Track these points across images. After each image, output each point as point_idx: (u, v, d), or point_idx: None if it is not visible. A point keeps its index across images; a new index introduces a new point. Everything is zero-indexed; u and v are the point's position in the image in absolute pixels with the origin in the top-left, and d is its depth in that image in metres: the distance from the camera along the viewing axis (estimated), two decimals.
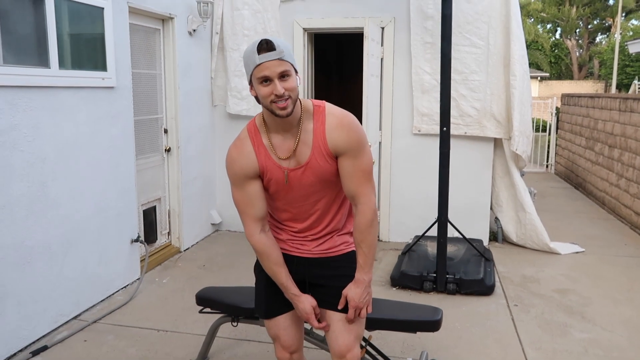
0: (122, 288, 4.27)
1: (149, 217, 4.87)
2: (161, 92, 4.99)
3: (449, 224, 4.32)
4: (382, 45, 5.39)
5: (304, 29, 5.52)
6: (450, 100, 4.23)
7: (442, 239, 4.21)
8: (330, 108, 1.97)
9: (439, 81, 4.99)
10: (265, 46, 1.78)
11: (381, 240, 5.67)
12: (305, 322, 2.20)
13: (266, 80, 1.80)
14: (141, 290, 4.26)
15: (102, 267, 4.03)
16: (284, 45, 1.82)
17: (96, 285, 3.98)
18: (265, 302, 2.18)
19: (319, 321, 2.10)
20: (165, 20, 4.92)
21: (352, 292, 2.04)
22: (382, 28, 5.36)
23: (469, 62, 5.15)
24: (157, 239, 5.01)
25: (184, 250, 5.27)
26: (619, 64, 23.60)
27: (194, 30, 5.27)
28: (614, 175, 7.01)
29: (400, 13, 5.31)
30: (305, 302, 2.07)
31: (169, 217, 5.18)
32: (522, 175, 5.65)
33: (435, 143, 4.98)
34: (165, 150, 5.06)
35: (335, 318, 2.09)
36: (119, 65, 4.13)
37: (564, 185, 9.15)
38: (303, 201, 2.04)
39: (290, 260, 2.11)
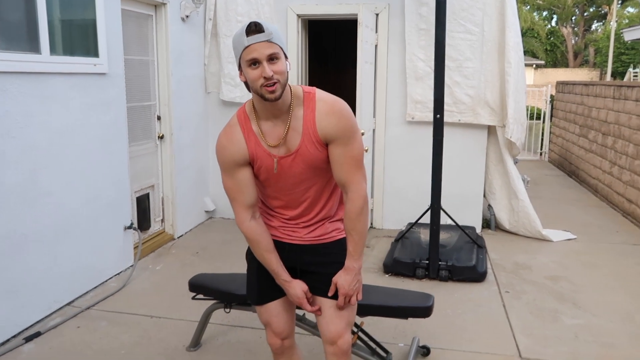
0: (115, 275, 4.27)
1: (143, 204, 4.86)
2: (154, 79, 4.96)
3: (441, 211, 4.33)
4: (376, 32, 5.37)
5: (297, 15, 5.48)
6: (444, 88, 4.22)
7: (435, 226, 4.23)
8: (320, 94, 1.94)
9: (433, 68, 5.00)
10: (254, 28, 1.76)
11: (374, 228, 5.69)
12: (297, 307, 2.21)
13: (255, 63, 1.78)
14: (135, 277, 4.26)
15: (96, 254, 4.03)
16: (273, 27, 1.80)
17: (89, 272, 3.98)
18: (257, 288, 2.18)
19: (312, 305, 2.11)
20: (157, 6, 4.88)
21: (341, 279, 2.04)
22: (377, 15, 5.33)
23: (463, 49, 5.13)
24: (150, 226, 5.01)
25: (178, 238, 5.27)
26: (614, 52, 23.60)
27: (187, 17, 5.23)
28: (607, 163, 7.04)
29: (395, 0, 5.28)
30: (297, 287, 2.08)
31: (162, 204, 5.17)
32: (516, 162, 5.66)
33: (429, 130, 4.98)
34: (159, 137, 5.04)
35: (326, 305, 2.10)
36: (111, 52, 4.09)
37: (557, 173, 9.18)
38: (294, 188, 2.03)
39: (282, 247, 2.11)
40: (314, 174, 2.01)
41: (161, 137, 5.05)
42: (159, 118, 5.03)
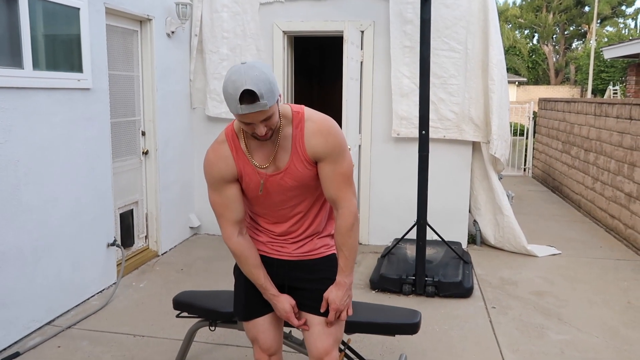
0: (97, 293, 4.20)
1: (126, 221, 4.80)
2: (139, 95, 4.93)
3: (427, 227, 4.34)
4: (361, 49, 5.41)
5: (283, 31, 5.51)
6: (429, 104, 4.25)
7: (421, 241, 4.22)
8: (309, 113, 1.95)
9: (418, 85, 5.04)
10: (249, 98, 1.70)
11: (361, 244, 5.67)
12: (285, 323, 2.18)
13: (249, 124, 1.79)
14: (117, 294, 4.19)
15: (77, 271, 3.96)
16: (266, 89, 1.71)
17: (71, 290, 3.90)
18: (245, 304, 2.16)
19: (299, 319, 2.10)
20: (143, 21, 4.87)
21: (333, 294, 2.03)
22: (362, 32, 5.38)
23: (448, 66, 5.19)
24: (134, 242, 4.94)
25: (162, 254, 5.20)
26: (594, 69, 24.05)
27: (173, 32, 5.22)
28: (590, 179, 7.12)
29: (380, 17, 5.33)
30: (284, 302, 2.07)
31: (146, 220, 5.11)
32: (500, 178, 5.71)
33: (415, 146, 5.01)
34: (143, 153, 5.00)
35: (314, 322, 2.08)
36: (95, 67, 4.07)
37: (541, 189, 9.27)
38: (282, 205, 2.03)
39: (270, 263, 2.10)
40: (303, 191, 2.01)
41: (146, 153, 5.01)
42: (143, 134, 4.99)
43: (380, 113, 5.48)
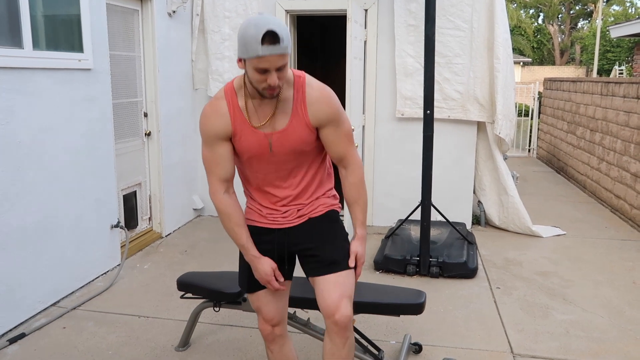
0: (102, 274, 4.20)
1: (130, 203, 4.79)
2: (140, 75, 4.89)
3: (432, 207, 4.31)
4: (365, 28, 5.33)
5: (286, 11, 5.43)
6: (434, 84, 4.19)
7: (425, 222, 4.20)
8: (309, 80, 2.00)
9: (422, 64, 4.97)
10: (271, 39, 1.72)
11: None
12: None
13: (264, 71, 1.79)
14: (122, 276, 4.19)
15: (81, 253, 3.96)
16: (286, 34, 1.76)
17: (75, 272, 3.91)
18: (248, 275, 2.18)
19: (281, 282, 2.14)
20: (144, 0, 4.80)
21: (359, 249, 2.11)
22: (366, 10, 5.30)
23: (453, 45, 5.12)
24: (137, 224, 4.94)
25: (166, 236, 5.20)
26: (600, 49, 23.79)
27: (174, 12, 5.16)
28: (595, 159, 7.07)
29: None
30: (265, 264, 2.09)
31: (150, 202, 5.10)
32: (505, 159, 5.66)
33: (419, 127, 4.98)
34: (146, 134, 4.97)
35: (325, 281, 2.06)
36: (96, 47, 4.02)
37: (545, 170, 9.22)
38: (277, 169, 2.04)
39: (269, 233, 2.13)
40: (297, 156, 2.03)
41: (148, 134, 4.98)
42: (145, 115, 4.95)
43: (385, 93, 5.42)
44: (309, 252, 2.13)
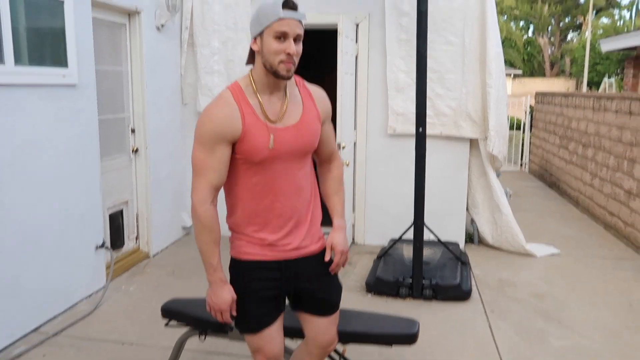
0: (86, 297, 4.07)
1: (116, 221, 4.66)
2: (128, 90, 4.78)
3: (425, 227, 4.22)
4: (356, 42, 5.27)
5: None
6: (425, 99, 4.12)
7: (418, 243, 4.11)
8: (306, 82, 2.10)
9: (414, 80, 4.90)
10: (292, 4, 1.81)
11: (356, 243, 5.56)
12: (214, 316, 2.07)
13: (282, 37, 1.80)
14: (106, 298, 4.06)
15: (64, 275, 3.83)
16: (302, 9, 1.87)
17: (57, 295, 3.77)
18: (256, 315, 2.05)
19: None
20: (131, 14, 4.71)
21: (336, 239, 2.09)
22: (357, 24, 5.23)
23: (444, 60, 5.06)
24: (124, 244, 4.80)
25: (153, 256, 5.07)
26: (589, 62, 23.95)
27: (162, 25, 5.06)
28: (588, 175, 7.03)
29: (376, 9, 5.19)
30: (229, 292, 1.99)
31: (137, 220, 4.97)
32: (498, 175, 5.59)
33: (411, 143, 4.89)
34: (133, 150, 4.85)
35: (320, 321, 2.13)
36: (81, 62, 3.91)
37: (538, 185, 9.18)
38: (287, 171, 1.96)
39: (275, 268, 2.02)
40: (305, 154, 2.01)
41: (135, 151, 4.87)
42: (133, 131, 4.84)
43: (376, 108, 5.35)
44: (312, 292, 2.10)
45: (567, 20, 36.41)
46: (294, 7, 1.80)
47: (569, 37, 37.66)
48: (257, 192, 1.96)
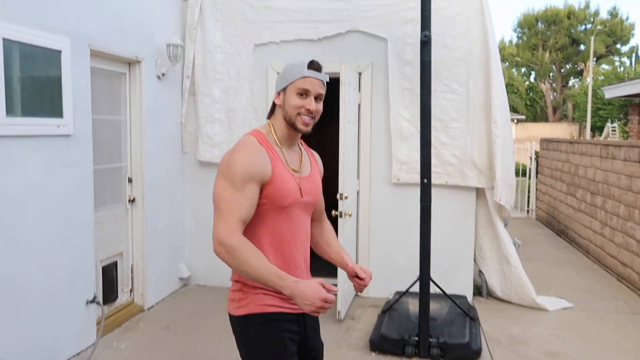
0: (74, 355, 3.86)
1: (109, 274, 4.49)
2: (126, 139, 4.70)
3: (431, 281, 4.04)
4: (359, 91, 5.21)
5: (278, 73, 5.31)
6: (431, 149, 4.01)
7: (424, 299, 3.91)
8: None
9: (418, 128, 4.83)
10: (316, 65, 1.96)
11: (359, 296, 5.35)
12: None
13: (304, 94, 1.93)
14: (96, 357, 3.85)
15: (52, 331, 3.64)
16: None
17: (44, 353, 3.57)
18: None
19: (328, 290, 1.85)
20: (132, 63, 4.67)
21: (356, 265, 2.13)
22: (360, 73, 5.19)
23: (448, 109, 4.98)
24: (117, 297, 4.62)
25: (148, 309, 4.86)
26: (592, 107, 24.08)
27: (163, 74, 5.03)
28: (598, 223, 6.84)
29: (378, 58, 5.15)
30: (315, 282, 1.75)
31: (131, 272, 4.80)
32: (506, 225, 5.42)
33: (415, 192, 4.78)
34: (129, 200, 4.73)
35: None
36: (77, 112, 3.83)
37: (545, 232, 8.98)
38: (302, 221, 2.03)
39: (293, 321, 1.96)
40: (314, 206, 2.10)
41: (132, 201, 4.74)
42: (130, 180, 4.73)
43: (379, 157, 5.24)
44: (314, 349, 2.09)
45: (568, 66, 36.90)
46: (318, 69, 1.95)
47: (570, 83, 38.08)
48: (278, 240, 1.95)
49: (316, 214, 2.22)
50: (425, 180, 3.88)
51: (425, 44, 3.78)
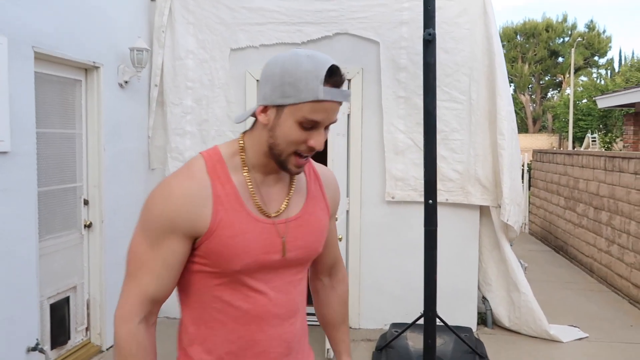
0: None
1: (60, 312, 3.84)
2: (81, 156, 4.07)
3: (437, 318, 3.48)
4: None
5: (257, 80, 4.75)
6: (436, 165, 3.48)
7: (430, 340, 3.35)
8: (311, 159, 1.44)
9: (415, 140, 4.32)
10: (338, 79, 1.23)
11: (350, 328, 4.77)
12: None
13: (312, 126, 1.23)
14: None
15: None
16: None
17: None
18: None
19: None
20: (88, 69, 4.07)
21: None
22: (349, 80, 4.65)
23: (449, 119, 4.47)
24: (69, 338, 3.96)
25: (107, 349, 4.21)
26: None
27: (126, 82, 4.43)
28: (604, 241, 6.37)
29: (369, 64, 4.62)
30: None
31: (87, 308, 4.15)
32: (511, 245, 4.90)
33: (412, 211, 4.35)
34: (85, 226, 4.09)
35: None
36: (15, 125, 3.21)
37: (542, 248, 8.51)
38: (282, 288, 1.33)
39: None
40: (304, 263, 1.38)
41: (88, 226, 4.11)
42: (86, 202, 4.10)
43: (371, 173, 4.69)
44: None
45: (547, 78, 37.19)
46: (338, 84, 1.23)
47: (549, 95, 38.36)
48: (228, 319, 1.30)
49: (320, 267, 1.57)
50: (431, 202, 3.35)
51: (430, 43, 3.27)
